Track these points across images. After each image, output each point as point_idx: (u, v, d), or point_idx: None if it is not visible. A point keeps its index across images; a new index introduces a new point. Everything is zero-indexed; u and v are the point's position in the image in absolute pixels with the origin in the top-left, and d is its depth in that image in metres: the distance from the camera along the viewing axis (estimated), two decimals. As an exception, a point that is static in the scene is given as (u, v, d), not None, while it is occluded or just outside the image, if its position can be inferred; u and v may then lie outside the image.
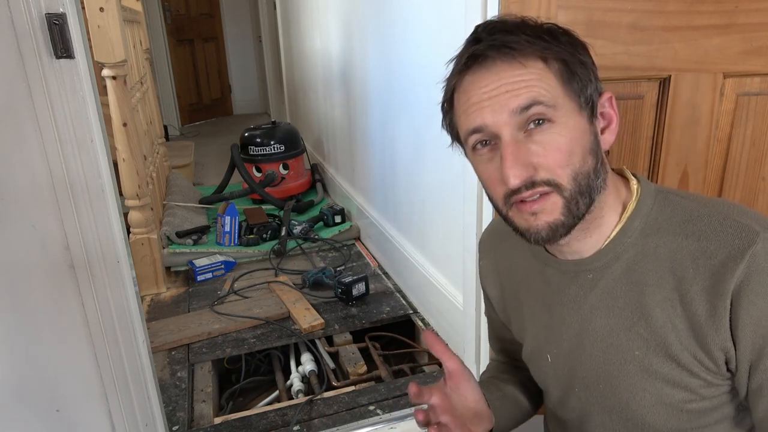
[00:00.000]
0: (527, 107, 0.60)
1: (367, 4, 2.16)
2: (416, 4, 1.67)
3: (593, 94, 0.65)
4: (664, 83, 1.09)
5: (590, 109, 0.65)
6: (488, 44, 0.62)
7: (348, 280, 2.00)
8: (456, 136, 0.70)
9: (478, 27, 0.65)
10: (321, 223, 2.73)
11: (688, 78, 1.08)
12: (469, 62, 0.63)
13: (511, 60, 0.61)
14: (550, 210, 0.63)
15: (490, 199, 0.68)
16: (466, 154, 0.70)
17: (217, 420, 1.49)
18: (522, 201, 0.63)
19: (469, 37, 0.65)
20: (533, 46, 0.61)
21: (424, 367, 1.80)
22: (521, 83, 0.61)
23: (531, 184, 0.61)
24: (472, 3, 1.13)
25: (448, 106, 0.68)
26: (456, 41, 0.67)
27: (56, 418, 1.14)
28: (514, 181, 0.61)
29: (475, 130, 0.63)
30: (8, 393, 1.09)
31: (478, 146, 0.65)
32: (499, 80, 0.61)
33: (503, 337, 0.92)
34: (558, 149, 0.61)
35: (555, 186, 0.62)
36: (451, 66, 0.67)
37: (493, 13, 1.08)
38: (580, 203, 0.63)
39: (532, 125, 0.61)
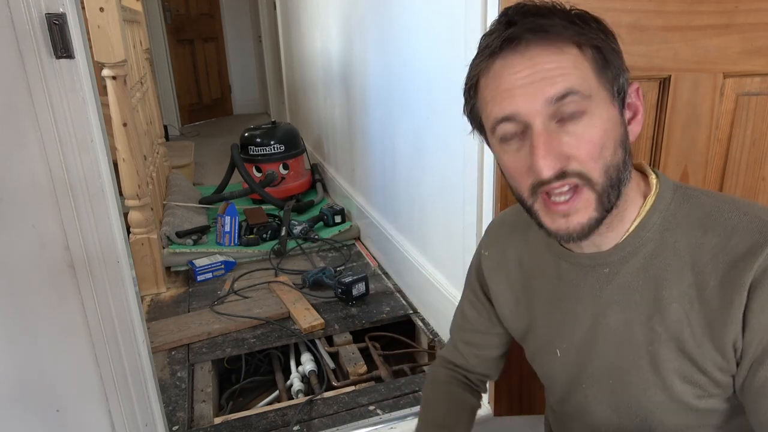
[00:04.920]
0: (563, 96, 0.58)
1: (367, 4, 2.16)
2: (416, 3, 1.67)
3: (624, 83, 0.64)
4: (664, 83, 1.08)
5: (621, 100, 0.63)
6: (524, 27, 0.59)
7: (348, 280, 2.00)
8: (478, 124, 0.67)
9: (508, 9, 0.62)
10: (321, 223, 2.73)
11: (688, 78, 1.08)
12: (503, 45, 0.60)
13: (548, 44, 0.59)
14: (583, 208, 0.61)
15: (514, 190, 0.66)
16: (488, 142, 0.68)
17: (217, 420, 1.49)
18: (550, 198, 0.61)
19: (499, 20, 0.62)
20: (567, 30, 0.59)
21: (424, 367, 1.80)
22: (557, 70, 0.58)
23: (562, 175, 0.59)
24: (472, 2, 1.13)
25: (473, 92, 0.66)
26: (456, 41, 0.67)
27: (56, 418, 1.14)
28: (547, 172, 0.58)
29: (506, 119, 0.61)
30: (8, 393, 1.09)
31: (504, 136, 0.62)
32: (534, 66, 0.59)
33: (476, 333, 0.90)
34: (591, 141, 0.59)
35: (586, 180, 0.60)
36: (477, 50, 0.64)
37: (493, 12, 1.08)
38: (611, 196, 0.62)
39: (565, 115, 0.59)
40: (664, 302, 0.64)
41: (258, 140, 3.14)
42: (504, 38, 0.60)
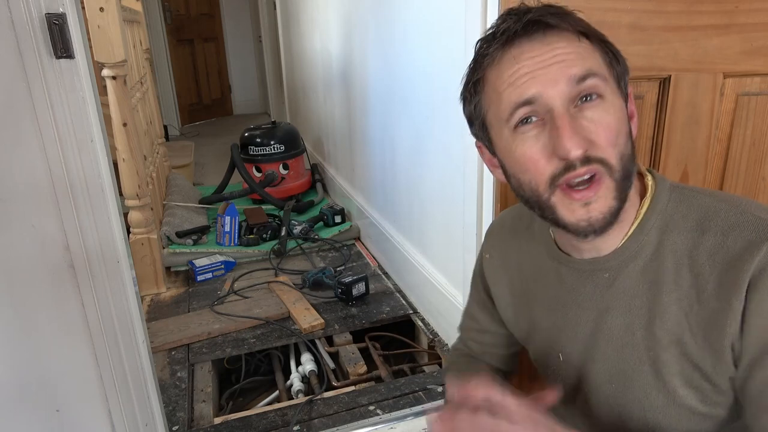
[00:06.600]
0: (584, 78, 0.59)
1: (367, 4, 2.16)
2: (416, 4, 1.67)
3: (626, 85, 0.65)
4: (664, 83, 1.09)
5: (625, 98, 0.65)
6: (543, 12, 0.60)
7: (348, 280, 2.00)
8: (481, 122, 0.67)
9: (512, 9, 0.63)
10: (321, 223, 2.73)
11: (688, 78, 1.08)
12: (521, 31, 0.60)
13: (563, 31, 0.60)
14: (604, 196, 0.60)
15: (524, 186, 0.64)
16: (491, 143, 0.67)
17: (217, 420, 1.49)
18: (570, 187, 0.60)
19: (508, 14, 0.62)
20: (577, 24, 0.61)
21: (424, 367, 1.80)
22: (574, 54, 0.60)
23: (586, 160, 0.59)
24: (472, 3, 1.13)
25: (478, 86, 0.65)
26: (456, 41, 0.67)
27: (56, 418, 1.14)
28: (576, 151, 0.58)
29: (527, 102, 0.60)
30: (8, 393, 1.09)
31: (520, 124, 0.61)
32: (553, 50, 0.60)
33: (485, 333, 0.91)
34: (609, 127, 0.60)
35: (607, 166, 0.60)
36: (481, 45, 0.64)
37: (493, 12, 1.08)
38: (626, 186, 0.62)
39: (581, 101, 0.60)
40: (663, 306, 0.64)
41: (258, 140, 3.14)
42: (526, 21, 0.60)
